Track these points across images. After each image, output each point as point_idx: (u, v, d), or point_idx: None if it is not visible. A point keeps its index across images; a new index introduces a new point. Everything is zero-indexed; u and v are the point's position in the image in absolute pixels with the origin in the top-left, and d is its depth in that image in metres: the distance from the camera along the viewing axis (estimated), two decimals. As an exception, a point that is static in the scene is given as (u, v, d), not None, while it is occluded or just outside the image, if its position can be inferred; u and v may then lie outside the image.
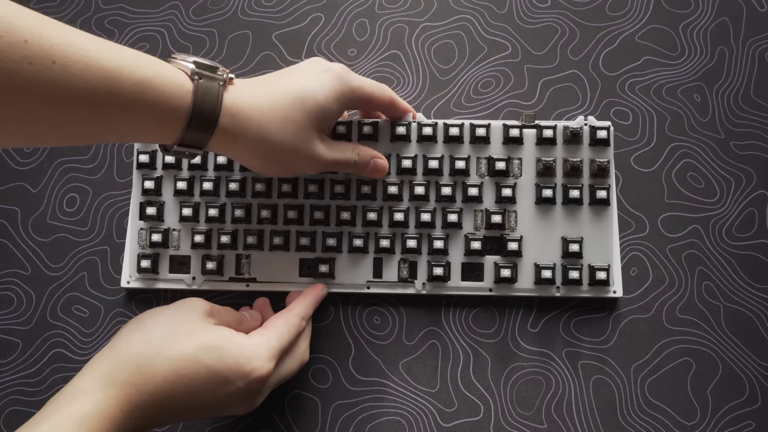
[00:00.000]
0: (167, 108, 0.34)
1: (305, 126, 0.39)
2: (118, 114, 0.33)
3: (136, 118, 0.34)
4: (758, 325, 0.46)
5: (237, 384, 0.36)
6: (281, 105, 0.38)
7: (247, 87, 0.38)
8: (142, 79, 0.33)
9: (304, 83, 0.39)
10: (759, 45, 0.53)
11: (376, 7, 0.55)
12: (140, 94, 0.33)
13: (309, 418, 0.45)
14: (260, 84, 0.39)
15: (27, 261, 0.50)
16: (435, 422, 0.45)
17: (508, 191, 0.47)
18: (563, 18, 0.54)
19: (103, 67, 0.32)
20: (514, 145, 0.48)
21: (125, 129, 0.35)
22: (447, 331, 0.47)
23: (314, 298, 0.44)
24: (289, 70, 0.42)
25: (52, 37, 0.31)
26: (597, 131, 0.47)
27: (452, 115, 0.52)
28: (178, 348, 0.36)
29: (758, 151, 0.50)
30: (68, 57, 0.31)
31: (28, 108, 0.31)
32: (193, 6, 0.56)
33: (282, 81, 0.40)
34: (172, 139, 0.36)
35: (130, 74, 0.33)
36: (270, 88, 0.39)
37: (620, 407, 0.45)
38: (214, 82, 0.36)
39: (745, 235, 0.48)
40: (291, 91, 0.39)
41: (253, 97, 0.38)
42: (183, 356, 0.35)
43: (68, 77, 0.31)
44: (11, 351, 0.48)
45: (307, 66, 0.41)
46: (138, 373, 0.34)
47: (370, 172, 0.45)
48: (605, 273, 0.45)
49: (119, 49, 0.33)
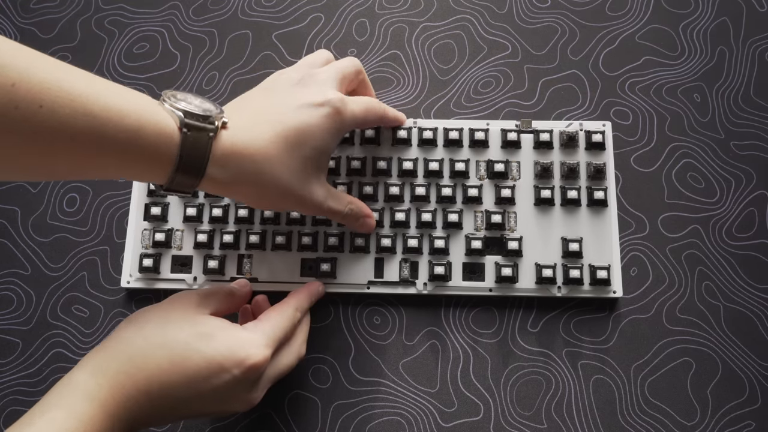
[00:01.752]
0: (154, 157, 0.34)
1: (301, 171, 0.39)
2: (105, 158, 0.33)
3: (123, 163, 0.34)
4: (758, 325, 0.46)
5: (232, 372, 0.36)
6: (276, 151, 0.37)
7: (241, 130, 0.37)
8: (130, 129, 0.32)
9: (300, 125, 0.38)
10: (759, 45, 0.53)
11: (376, 7, 0.55)
12: (128, 143, 0.32)
13: (309, 418, 0.45)
14: (255, 123, 0.38)
15: (27, 261, 0.50)
16: (435, 422, 0.45)
17: (507, 192, 0.47)
18: (563, 18, 0.54)
19: (90, 113, 0.31)
20: (512, 148, 0.48)
21: (113, 171, 0.34)
22: (447, 331, 0.47)
23: (310, 293, 0.44)
24: (285, 93, 0.40)
25: (40, 80, 0.30)
26: (592, 135, 0.48)
27: (452, 115, 0.52)
28: (170, 337, 0.36)
29: (758, 151, 0.50)
30: (55, 102, 0.30)
31: (14, 149, 0.30)
32: (193, 6, 0.56)
33: (278, 118, 0.38)
34: (161, 181, 0.36)
35: (119, 122, 0.32)
36: (265, 129, 0.37)
37: (620, 407, 0.45)
38: (204, 132, 0.35)
39: (745, 235, 0.48)
40: (286, 135, 0.38)
41: (246, 143, 0.37)
42: (176, 344, 0.35)
43: (55, 122, 0.30)
44: (11, 351, 0.48)
45: (302, 93, 0.40)
46: (130, 362, 0.34)
47: (359, 227, 0.46)
48: (606, 272, 0.45)
49: (109, 93, 0.32)
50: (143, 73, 0.54)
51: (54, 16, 0.56)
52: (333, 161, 0.48)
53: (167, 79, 0.54)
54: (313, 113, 0.39)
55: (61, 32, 0.55)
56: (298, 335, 0.42)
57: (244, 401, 0.38)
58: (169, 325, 0.36)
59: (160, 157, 0.34)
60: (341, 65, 0.43)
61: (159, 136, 0.33)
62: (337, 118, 0.40)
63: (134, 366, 0.34)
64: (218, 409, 0.37)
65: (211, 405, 0.37)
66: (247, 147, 0.36)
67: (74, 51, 0.55)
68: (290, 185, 0.39)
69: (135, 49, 0.54)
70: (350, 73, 0.43)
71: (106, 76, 0.54)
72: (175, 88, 0.53)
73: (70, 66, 0.32)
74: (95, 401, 0.33)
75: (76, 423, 0.32)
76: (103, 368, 0.34)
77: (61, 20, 0.56)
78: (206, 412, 0.37)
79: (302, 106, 0.39)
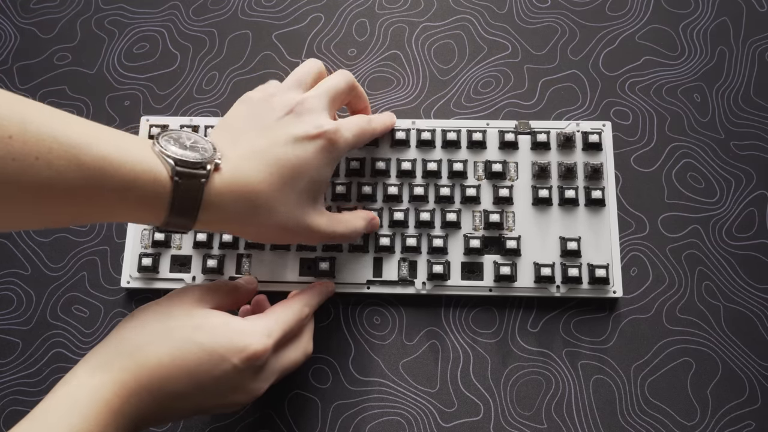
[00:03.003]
0: (148, 204, 0.34)
1: (298, 205, 0.39)
2: (100, 207, 0.33)
3: (118, 211, 0.34)
4: (758, 325, 0.46)
5: (232, 361, 0.36)
6: (272, 189, 0.37)
7: (235, 169, 0.36)
8: (125, 180, 0.33)
9: (296, 160, 0.38)
10: (759, 45, 0.53)
11: (376, 7, 0.55)
12: (122, 192, 0.33)
13: (309, 418, 0.45)
14: (249, 160, 0.37)
15: (27, 261, 0.50)
16: (435, 422, 0.45)
17: (505, 192, 0.47)
18: (563, 18, 0.54)
19: (85, 165, 0.31)
20: (510, 149, 0.48)
21: (107, 217, 0.35)
22: (447, 331, 0.47)
23: (320, 292, 0.44)
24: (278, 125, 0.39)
25: (36, 132, 0.30)
26: (589, 135, 0.48)
27: (452, 115, 0.52)
28: (170, 332, 0.36)
29: (758, 151, 0.50)
30: (51, 153, 0.30)
31: (9, 200, 0.30)
32: (193, 6, 0.56)
33: (273, 155, 0.37)
34: (156, 224, 0.36)
35: (113, 173, 0.32)
36: (259, 167, 0.37)
37: (620, 407, 0.45)
38: (196, 180, 0.35)
39: (745, 235, 0.48)
40: (282, 172, 0.37)
41: (241, 183, 0.36)
42: (176, 338, 0.35)
43: (51, 173, 0.30)
44: (11, 351, 0.48)
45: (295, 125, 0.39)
46: (131, 359, 0.34)
47: (368, 231, 0.46)
48: (605, 271, 0.45)
49: (103, 142, 0.32)
50: (143, 73, 0.54)
51: (54, 16, 0.56)
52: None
53: (167, 79, 0.54)
54: (308, 147, 0.38)
55: (61, 32, 0.55)
56: (305, 334, 0.42)
57: (246, 392, 0.37)
58: (169, 321, 0.36)
59: (153, 204, 0.34)
60: (332, 85, 0.42)
61: (153, 184, 0.34)
62: (332, 149, 0.39)
63: (135, 362, 0.34)
64: (221, 402, 0.37)
65: (213, 398, 0.37)
66: (241, 187, 0.36)
67: (74, 51, 0.55)
68: (288, 221, 0.38)
69: (135, 49, 0.55)
70: (342, 92, 0.42)
71: (106, 76, 0.54)
72: (175, 88, 0.53)
73: (65, 114, 0.32)
74: (100, 400, 0.33)
75: (81, 422, 0.32)
76: (105, 366, 0.34)
77: (61, 20, 0.56)
78: (209, 405, 0.37)
79: (296, 140, 0.38)
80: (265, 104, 0.40)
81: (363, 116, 0.44)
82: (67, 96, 0.53)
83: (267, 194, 0.37)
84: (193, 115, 0.52)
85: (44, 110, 0.31)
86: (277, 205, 0.37)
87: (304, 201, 0.39)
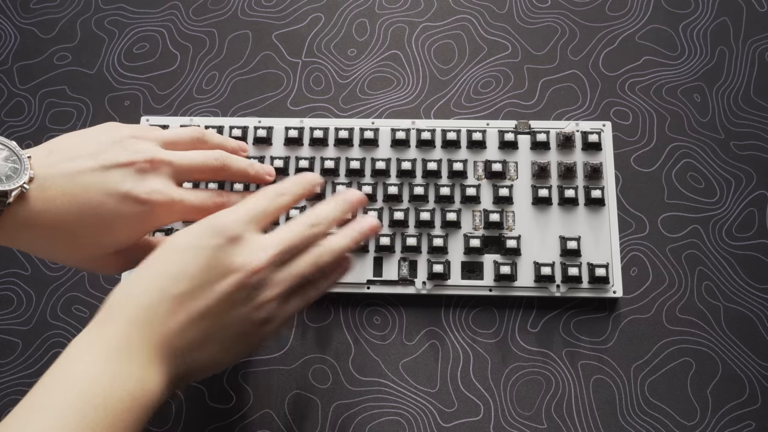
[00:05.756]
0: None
1: (102, 259, 0.37)
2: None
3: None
4: (758, 325, 0.46)
5: (213, 241, 0.34)
6: (73, 233, 0.35)
7: (41, 202, 0.33)
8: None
9: (107, 225, 0.35)
10: (759, 45, 0.53)
11: (376, 7, 0.55)
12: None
13: (309, 418, 0.45)
14: (62, 195, 0.34)
15: (27, 261, 0.50)
16: (435, 422, 0.45)
17: (505, 191, 0.47)
18: (563, 18, 0.54)
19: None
20: (510, 149, 0.48)
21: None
22: (447, 331, 0.47)
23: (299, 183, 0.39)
24: (110, 172, 0.35)
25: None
26: (588, 135, 0.48)
27: (452, 115, 0.52)
28: None
29: (758, 151, 0.50)
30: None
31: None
32: (193, 6, 0.56)
33: (91, 196, 0.34)
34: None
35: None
36: (70, 208, 0.34)
37: (620, 407, 0.45)
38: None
39: (745, 235, 0.48)
40: (89, 234, 0.35)
41: (39, 219, 0.33)
42: None
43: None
44: (11, 351, 0.48)
45: (116, 179, 0.35)
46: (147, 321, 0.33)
47: None
48: (605, 270, 0.45)
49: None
50: (143, 73, 0.54)
51: (54, 16, 0.56)
52: (332, 162, 0.48)
53: (167, 79, 0.54)
54: (131, 208, 0.35)
55: (61, 32, 0.55)
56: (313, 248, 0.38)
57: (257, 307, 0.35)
58: None
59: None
60: (194, 163, 0.38)
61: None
62: (151, 219, 0.37)
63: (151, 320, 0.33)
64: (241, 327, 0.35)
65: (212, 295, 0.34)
66: (39, 222, 0.34)
67: (74, 51, 0.55)
68: (80, 263, 0.37)
69: (135, 49, 0.55)
70: (198, 171, 0.39)
71: (106, 76, 0.54)
72: (175, 88, 0.53)
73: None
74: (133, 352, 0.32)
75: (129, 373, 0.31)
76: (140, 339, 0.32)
77: (61, 20, 0.56)
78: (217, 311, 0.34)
79: (123, 197, 0.35)
80: (117, 144, 0.37)
81: (214, 193, 0.40)
82: (67, 96, 0.53)
83: (72, 238, 0.35)
84: (193, 115, 0.52)
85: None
86: (83, 246, 0.36)
87: (110, 250, 0.37)
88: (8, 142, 0.34)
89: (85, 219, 0.34)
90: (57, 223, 0.34)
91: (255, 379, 0.46)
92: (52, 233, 0.34)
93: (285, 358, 0.47)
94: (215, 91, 0.53)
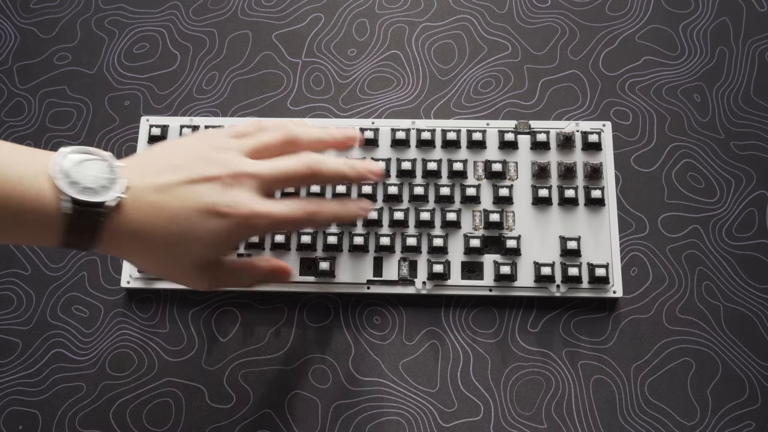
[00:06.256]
0: (43, 237, 0.33)
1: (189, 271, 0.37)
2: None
3: (16, 240, 0.34)
4: (758, 325, 0.46)
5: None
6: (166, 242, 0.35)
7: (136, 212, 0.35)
8: (14, 215, 0.32)
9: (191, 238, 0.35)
10: (759, 45, 0.53)
11: (376, 7, 0.55)
12: (14, 226, 0.32)
13: (309, 418, 0.45)
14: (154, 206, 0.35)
15: (27, 261, 0.50)
16: (435, 422, 0.45)
17: (505, 191, 0.47)
18: (563, 18, 0.54)
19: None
20: (510, 149, 0.48)
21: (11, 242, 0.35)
22: (447, 331, 0.47)
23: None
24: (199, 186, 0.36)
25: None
26: (588, 135, 0.48)
27: (452, 115, 0.52)
28: None
29: (758, 151, 0.50)
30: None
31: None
32: (193, 6, 0.56)
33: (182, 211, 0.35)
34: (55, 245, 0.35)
35: (1, 210, 0.32)
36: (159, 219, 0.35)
37: (620, 407, 0.45)
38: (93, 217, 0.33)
39: (745, 235, 0.48)
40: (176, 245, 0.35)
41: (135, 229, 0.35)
42: None
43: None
44: (11, 351, 0.48)
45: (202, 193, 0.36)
46: None
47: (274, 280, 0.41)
48: (604, 270, 0.45)
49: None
50: (143, 73, 0.54)
51: (54, 16, 0.56)
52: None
53: (167, 79, 0.54)
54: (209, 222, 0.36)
55: (61, 32, 0.55)
56: None
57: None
58: None
59: (47, 236, 0.33)
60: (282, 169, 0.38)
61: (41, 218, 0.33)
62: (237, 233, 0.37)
63: None
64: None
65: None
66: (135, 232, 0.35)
67: (74, 51, 0.55)
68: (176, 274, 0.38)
69: (135, 49, 0.55)
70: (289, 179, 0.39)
71: (106, 76, 0.54)
72: (175, 88, 0.53)
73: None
74: None
75: None
76: None
77: (61, 20, 0.56)
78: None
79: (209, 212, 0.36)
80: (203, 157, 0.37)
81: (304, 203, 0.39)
82: (67, 96, 0.53)
83: (162, 248, 0.36)
84: (193, 115, 0.52)
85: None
86: (168, 258, 0.36)
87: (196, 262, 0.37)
88: (103, 153, 0.35)
89: (170, 230, 0.35)
90: (145, 234, 0.35)
91: (255, 379, 0.46)
92: (140, 243, 0.35)
93: (285, 358, 0.47)
94: (215, 91, 0.53)
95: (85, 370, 0.47)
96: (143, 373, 0.46)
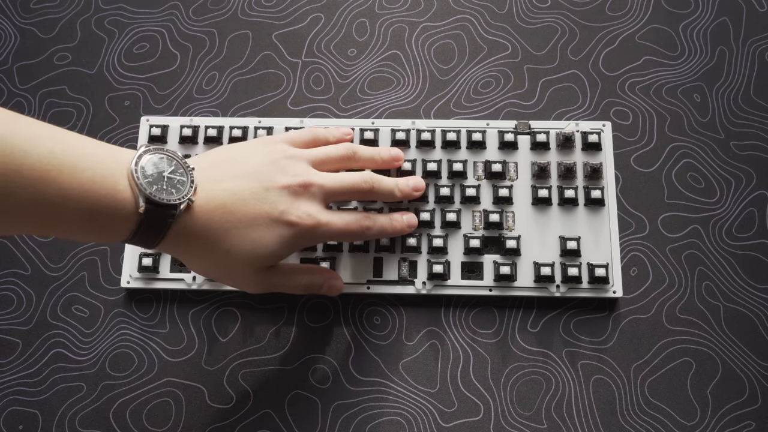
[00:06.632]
0: (111, 233, 0.34)
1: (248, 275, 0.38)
2: (65, 231, 0.33)
3: (82, 235, 0.34)
4: (758, 325, 0.46)
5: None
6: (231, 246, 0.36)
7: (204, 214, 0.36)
8: (88, 211, 0.32)
9: (257, 242, 0.36)
10: (759, 45, 0.53)
11: (376, 7, 0.55)
12: (86, 222, 0.32)
13: (309, 418, 0.45)
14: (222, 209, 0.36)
15: (27, 261, 0.50)
16: (435, 422, 0.45)
17: (504, 192, 0.47)
18: (563, 18, 0.54)
19: (48, 198, 0.31)
20: (509, 149, 0.48)
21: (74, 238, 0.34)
22: (447, 331, 0.47)
23: None
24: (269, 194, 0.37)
25: None
26: (588, 135, 0.48)
27: (452, 115, 0.52)
28: None
29: (758, 151, 0.50)
30: (14, 183, 0.30)
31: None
32: (193, 6, 0.56)
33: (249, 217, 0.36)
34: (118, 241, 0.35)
35: (76, 205, 0.32)
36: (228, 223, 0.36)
37: (620, 407, 0.45)
38: (163, 218, 0.34)
39: (745, 235, 0.48)
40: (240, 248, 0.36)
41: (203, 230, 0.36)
42: None
43: (14, 202, 0.30)
44: (11, 351, 0.48)
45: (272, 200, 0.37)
46: None
47: (325, 292, 0.43)
48: (604, 270, 0.45)
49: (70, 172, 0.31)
50: (143, 73, 0.54)
51: (54, 16, 0.56)
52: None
53: (167, 79, 0.54)
54: (275, 231, 0.37)
55: (61, 32, 0.55)
56: None
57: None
58: None
59: (116, 232, 0.34)
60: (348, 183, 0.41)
61: (116, 217, 0.33)
62: (301, 239, 0.39)
63: None
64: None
65: None
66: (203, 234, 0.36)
67: (74, 51, 0.55)
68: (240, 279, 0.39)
69: (135, 49, 0.55)
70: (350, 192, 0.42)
71: (106, 76, 0.54)
72: (175, 88, 0.53)
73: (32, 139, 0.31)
74: None
75: None
76: None
77: (61, 20, 0.56)
78: None
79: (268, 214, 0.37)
80: (274, 165, 0.39)
81: (361, 217, 0.42)
82: (67, 96, 0.53)
83: (225, 250, 0.36)
84: (193, 115, 0.52)
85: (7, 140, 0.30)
86: (230, 261, 0.37)
87: (257, 266, 0.38)
88: (175, 154, 0.36)
89: (238, 234, 0.36)
90: (211, 236, 0.36)
91: (255, 379, 0.46)
92: (204, 245, 0.36)
93: (285, 358, 0.47)
94: (215, 91, 0.53)
95: (85, 370, 0.47)
96: (143, 373, 0.47)
